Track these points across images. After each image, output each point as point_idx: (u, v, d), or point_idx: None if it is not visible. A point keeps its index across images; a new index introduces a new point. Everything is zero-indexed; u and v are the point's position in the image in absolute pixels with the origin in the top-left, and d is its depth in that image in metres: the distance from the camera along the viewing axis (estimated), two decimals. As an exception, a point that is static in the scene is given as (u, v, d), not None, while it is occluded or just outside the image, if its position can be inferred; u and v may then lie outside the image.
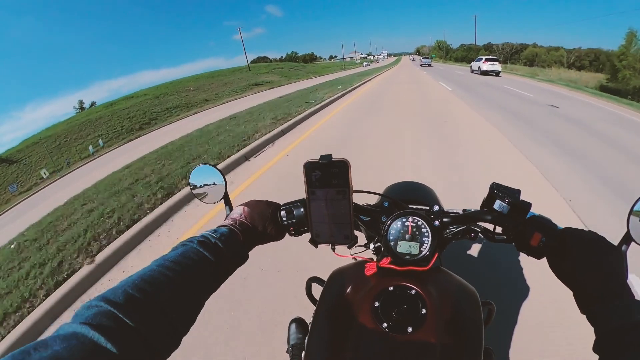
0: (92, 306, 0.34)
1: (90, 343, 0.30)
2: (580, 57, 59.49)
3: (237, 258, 0.53)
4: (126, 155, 9.44)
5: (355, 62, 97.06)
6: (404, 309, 0.56)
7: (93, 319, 0.32)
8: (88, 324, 0.31)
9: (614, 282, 0.45)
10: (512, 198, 0.56)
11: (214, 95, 31.90)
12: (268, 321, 1.88)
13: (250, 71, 47.49)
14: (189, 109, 27.70)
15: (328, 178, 0.51)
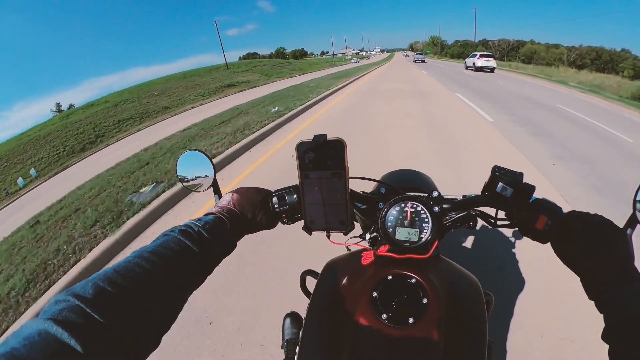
0: (60, 301, 0.32)
1: (53, 340, 0.28)
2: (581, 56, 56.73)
3: (224, 248, 0.50)
4: (52, 192, 7.16)
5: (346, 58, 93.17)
6: (404, 298, 0.53)
7: (59, 315, 0.30)
8: (53, 320, 0.29)
9: (624, 267, 0.44)
10: (515, 181, 0.55)
11: (177, 100, 28.07)
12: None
13: (228, 69, 43.40)
14: (142, 120, 23.84)
15: (322, 159, 0.48)
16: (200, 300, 1.95)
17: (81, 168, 12.45)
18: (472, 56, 23.25)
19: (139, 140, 10.52)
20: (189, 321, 1.81)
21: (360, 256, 0.62)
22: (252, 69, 42.80)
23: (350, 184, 0.54)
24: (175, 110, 24.08)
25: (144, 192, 3.70)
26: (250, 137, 5.60)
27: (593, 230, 0.48)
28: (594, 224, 0.49)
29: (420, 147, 4.74)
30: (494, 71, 21.17)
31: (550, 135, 5.51)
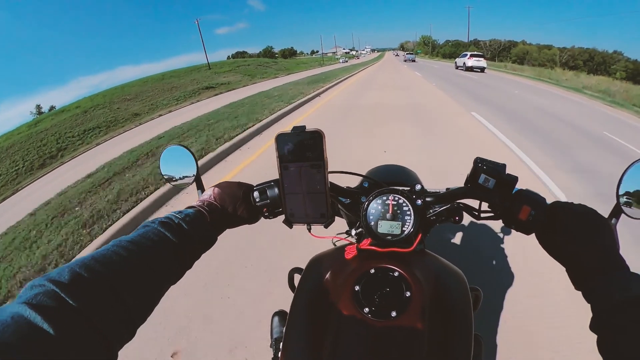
0: (36, 286, 0.32)
1: (25, 323, 0.28)
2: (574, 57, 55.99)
3: (204, 241, 0.50)
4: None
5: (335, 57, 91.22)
6: (387, 292, 0.53)
7: (33, 299, 0.30)
8: (27, 304, 0.29)
9: (609, 255, 0.44)
10: (498, 172, 0.55)
11: (149, 105, 25.72)
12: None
13: (210, 70, 40.93)
14: (108, 129, 21.38)
15: (301, 151, 0.47)
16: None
17: (26, 194, 10.36)
18: (463, 56, 22.96)
19: (92, 160, 8.32)
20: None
21: (344, 250, 0.62)
22: (235, 69, 40.40)
23: (335, 180, 0.59)
24: (145, 117, 21.82)
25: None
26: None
27: (577, 220, 0.48)
28: (578, 213, 0.49)
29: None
30: (484, 71, 20.94)
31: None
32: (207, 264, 2.19)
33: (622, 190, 0.50)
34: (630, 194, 0.50)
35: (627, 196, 0.50)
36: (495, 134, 5.39)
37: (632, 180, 0.50)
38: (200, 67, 42.82)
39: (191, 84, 31.59)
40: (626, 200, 0.50)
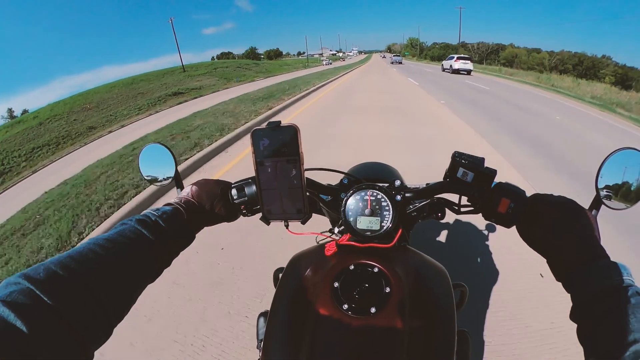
0: (11, 283, 0.32)
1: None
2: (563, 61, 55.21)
3: (181, 238, 0.50)
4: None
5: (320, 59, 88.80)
6: (366, 288, 0.53)
7: (8, 297, 0.30)
8: (1, 301, 0.29)
9: (589, 245, 0.44)
10: (476, 165, 0.55)
11: (107, 117, 22.80)
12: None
13: (184, 72, 37.87)
14: (57, 147, 18.45)
15: (277, 146, 0.47)
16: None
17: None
18: (450, 58, 22.94)
19: (21, 195, 6.16)
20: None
21: (324, 247, 0.61)
22: (212, 71, 37.49)
23: (317, 179, 0.60)
24: (100, 130, 19.01)
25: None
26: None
27: (557, 211, 0.48)
28: (558, 204, 0.49)
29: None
30: (470, 73, 20.94)
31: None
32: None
33: (601, 183, 0.51)
34: (609, 186, 0.51)
35: (606, 188, 0.51)
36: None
37: (610, 173, 0.50)
38: (175, 70, 39.64)
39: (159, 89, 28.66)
40: (605, 193, 0.51)
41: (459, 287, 0.74)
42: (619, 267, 0.40)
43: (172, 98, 24.73)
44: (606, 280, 0.39)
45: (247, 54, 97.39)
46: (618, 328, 0.35)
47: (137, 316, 1.78)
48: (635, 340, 0.33)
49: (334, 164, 0.81)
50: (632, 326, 0.34)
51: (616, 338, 0.34)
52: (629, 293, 0.37)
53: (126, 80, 36.87)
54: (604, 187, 0.51)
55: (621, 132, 7.42)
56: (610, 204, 0.51)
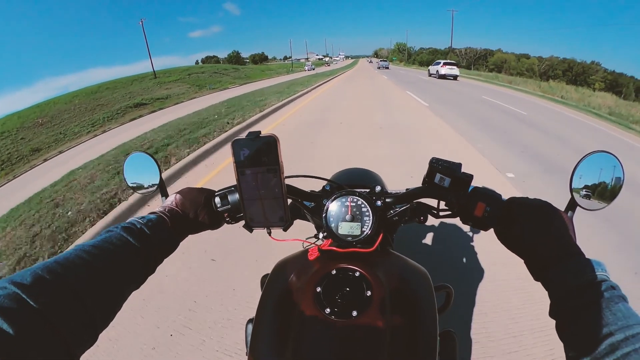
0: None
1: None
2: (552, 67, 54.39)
3: (165, 246, 0.50)
4: None
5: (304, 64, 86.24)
6: (347, 292, 0.54)
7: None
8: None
9: (565, 244, 0.45)
10: (452, 171, 0.56)
11: (56, 135, 19.94)
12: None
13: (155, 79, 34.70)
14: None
15: (257, 156, 0.47)
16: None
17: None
18: (436, 64, 22.89)
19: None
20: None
21: (308, 252, 0.62)
22: (185, 77, 34.44)
23: (301, 185, 0.63)
24: (45, 153, 15.97)
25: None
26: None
27: (533, 213, 0.49)
28: (533, 206, 0.50)
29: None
30: (457, 79, 20.93)
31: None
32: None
33: (576, 185, 0.52)
34: (582, 188, 0.52)
35: (580, 190, 0.52)
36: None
37: (583, 175, 0.52)
38: (146, 76, 36.34)
39: (122, 100, 25.52)
40: (580, 194, 0.52)
41: (444, 288, 0.76)
42: (593, 264, 0.41)
43: (131, 111, 21.73)
44: (581, 277, 0.40)
45: (230, 58, 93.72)
46: (593, 322, 0.36)
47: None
48: (610, 334, 0.34)
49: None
50: (607, 320, 0.35)
51: (592, 332, 0.36)
52: (603, 288, 0.38)
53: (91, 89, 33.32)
54: (578, 189, 0.52)
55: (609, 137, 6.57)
56: (584, 205, 0.52)
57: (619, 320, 0.35)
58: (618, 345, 0.33)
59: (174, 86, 30.43)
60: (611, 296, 0.38)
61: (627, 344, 0.33)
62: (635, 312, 0.36)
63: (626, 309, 0.36)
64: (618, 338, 0.34)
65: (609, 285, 0.39)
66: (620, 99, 20.04)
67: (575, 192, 0.53)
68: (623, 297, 0.38)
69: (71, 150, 14.13)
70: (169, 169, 4.13)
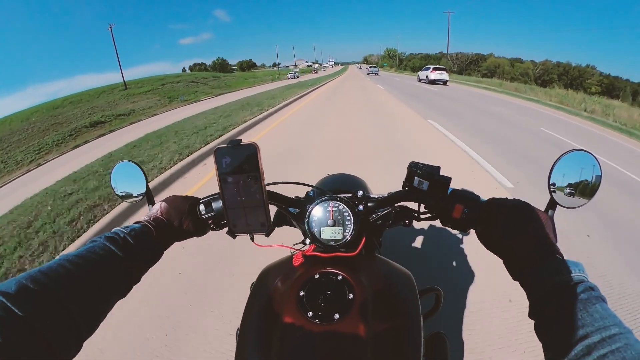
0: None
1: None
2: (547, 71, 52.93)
3: (149, 255, 0.50)
4: None
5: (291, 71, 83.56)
6: (329, 295, 0.54)
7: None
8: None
9: (543, 245, 0.45)
10: (431, 174, 0.57)
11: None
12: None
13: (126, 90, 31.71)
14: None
15: (238, 164, 0.49)
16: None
17: None
18: (426, 69, 22.94)
19: None
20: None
21: (292, 258, 0.63)
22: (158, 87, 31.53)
23: (289, 192, 0.64)
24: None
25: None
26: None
27: (511, 213, 0.49)
28: (511, 207, 0.50)
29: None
30: (446, 84, 21.05)
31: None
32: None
33: (552, 185, 0.53)
34: (561, 187, 0.53)
35: (559, 189, 0.53)
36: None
37: (561, 174, 0.53)
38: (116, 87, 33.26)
39: (82, 117, 22.44)
40: (558, 193, 0.53)
41: (433, 290, 0.77)
42: (571, 264, 0.41)
43: (86, 131, 18.69)
44: (558, 277, 0.40)
45: (215, 66, 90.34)
46: (570, 324, 0.36)
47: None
48: (586, 335, 0.34)
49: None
50: (584, 321, 0.35)
51: (568, 334, 0.36)
52: (581, 289, 0.38)
53: (54, 103, 30.07)
54: (557, 188, 0.53)
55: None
56: (564, 204, 0.52)
57: (595, 322, 0.35)
58: (594, 347, 0.33)
59: (142, 99, 27.49)
60: (588, 297, 0.37)
61: (603, 346, 0.33)
62: (613, 312, 0.36)
63: (603, 309, 0.36)
64: (594, 339, 0.34)
65: (587, 286, 0.39)
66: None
67: (559, 190, 0.53)
68: (601, 297, 0.38)
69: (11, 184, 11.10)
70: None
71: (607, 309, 0.37)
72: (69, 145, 16.49)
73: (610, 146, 6.73)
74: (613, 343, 0.32)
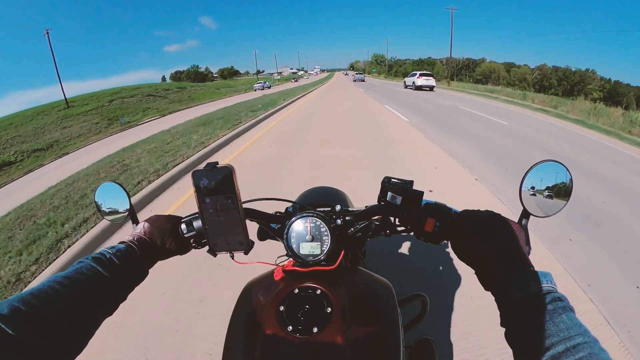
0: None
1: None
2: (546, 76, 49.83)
3: (134, 275, 0.52)
4: None
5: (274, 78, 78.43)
6: (308, 309, 0.55)
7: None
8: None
9: (513, 256, 0.46)
10: (403, 189, 0.59)
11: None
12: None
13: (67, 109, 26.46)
14: None
15: (215, 185, 0.50)
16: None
17: None
18: (412, 75, 22.71)
19: None
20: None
21: (274, 273, 0.64)
22: (104, 106, 26.32)
23: (266, 207, 0.66)
24: None
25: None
26: None
27: (482, 226, 0.50)
28: (483, 219, 0.51)
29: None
30: (433, 89, 20.90)
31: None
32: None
33: (525, 196, 0.54)
34: (532, 197, 0.53)
35: (530, 199, 0.54)
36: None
37: (532, 184, 0.53)
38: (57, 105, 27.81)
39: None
40: (530, 202, 0.53)
41: (419, 297, 0.78)
42: (539, 275, 0.42)
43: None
44: (527, 289, 0.41)
45: (189, 74, 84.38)
46: (536, 335, 0.37)
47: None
48: (551, 345, 0.35)
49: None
50: (549, 332, 0.36)
51: (535, 344, 0.37)
52: (548, 300, 0.39)
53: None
54: (529, 197, 0.54)
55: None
56: (536, 213, 0.53)
57: (561, 332, 0.36)
58: (559, 357, 0.34)
59: (78, 122, 22.43)
60: (555, 308, 0.38)
61: (567, 355, 0.34)
62: (579, 322, 0.37)
63: (570, 319, 0.37)
64: (559, 349, 0.34)
65: (555, 296, 0.39)
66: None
67: (531, 200, 0.53)
68: (569, 308, 0.39)
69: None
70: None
71: (574, 318, 0.37)
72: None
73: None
74: (577, 352, 0.33)
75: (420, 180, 3.27)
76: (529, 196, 0.54)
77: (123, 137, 13.75)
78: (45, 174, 11.22)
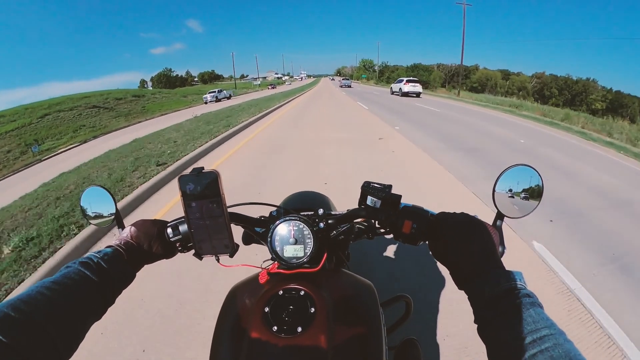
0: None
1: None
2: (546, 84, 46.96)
3: (122, 278, 0.52)
4: None
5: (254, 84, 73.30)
6: (292, 310, 0.57)
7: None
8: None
9: (485, 257, 0.48)
10: (382, 192, 0.60)
11: None
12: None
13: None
14: None
15: (201, 190, 0.52)
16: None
17: None
18: (399, 82, 22.64)
19: None
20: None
21: (259, 276, 0.65)
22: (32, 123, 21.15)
23: (251, 211, 0.68)
24: None
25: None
26: None
27: (457, 228, 0.52)
28: (458, 222, 0.53)
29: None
30: (419, 96, 20.96)
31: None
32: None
33: (499, 199, 0.56)
34: (504, 199, 0.56)
35: (502, 202, 0.56)
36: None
37: (506, 188, 0.56)
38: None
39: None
40: (504, 204, 0.56)
41: (403, 298, 0.80)
42: (510, 275, 0.44)
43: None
44: (497, 288, 0.43)
45: (159, 78, 77.90)
46: (505, 329, 0.40)
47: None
48: (519, 337, 0.38)
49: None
50: (518, 325, 0.39)
51: (504, 339, 0.39)
52: (517, 297, 0.41)
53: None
54: (503, 200, 0.56)
55: None
56: (509, 214, 0.56)
57: (528, 325, 0.38)
58: (526, 348, 0.36)
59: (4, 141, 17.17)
60: (524, 303, 0.40)
61: (533, 346, 0.36)
62: (546, 316, 0.39)
63: (537, 314, 0.39)
64: (527, 341, 0.37)
65: (524, 293, 0.41)
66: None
67: (504, 202, 0.55)
68: (537, 304, 0.41)
69: None
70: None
71: (541, 312, 0.39)
72: None
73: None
74: (543, 343, 0.36)
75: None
76: (506, 198, 0.55)
77: (16, 181, 10.43)
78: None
